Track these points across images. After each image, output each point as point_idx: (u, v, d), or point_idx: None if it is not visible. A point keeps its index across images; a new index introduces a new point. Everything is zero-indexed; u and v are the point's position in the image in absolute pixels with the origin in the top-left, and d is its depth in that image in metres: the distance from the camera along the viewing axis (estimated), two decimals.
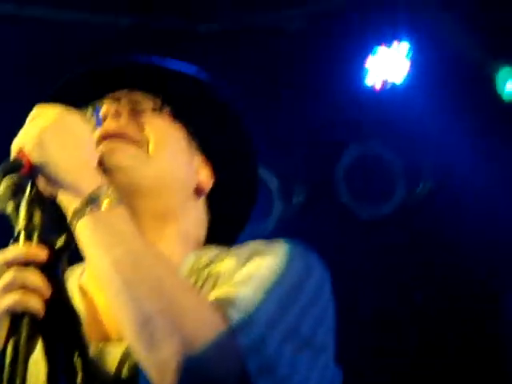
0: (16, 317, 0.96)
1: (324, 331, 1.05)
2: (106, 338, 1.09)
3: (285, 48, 3.60)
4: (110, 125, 1.17)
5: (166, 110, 1.24)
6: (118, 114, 1.18)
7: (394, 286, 3.75)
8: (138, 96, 1.25)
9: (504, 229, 3.62)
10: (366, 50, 3.64)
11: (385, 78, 3.62)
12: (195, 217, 1.25)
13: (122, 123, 1.19)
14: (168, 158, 1.20)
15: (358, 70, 3.65)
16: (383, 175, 3.84)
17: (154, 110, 1.24)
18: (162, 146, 1.20)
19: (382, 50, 3.60)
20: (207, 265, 1.13)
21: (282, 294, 1.01)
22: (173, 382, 0.89)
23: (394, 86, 3.64)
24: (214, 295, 1.01)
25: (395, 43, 3.58)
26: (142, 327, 0.92)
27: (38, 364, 1.00)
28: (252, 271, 1.04)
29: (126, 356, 1.02)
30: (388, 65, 3.61)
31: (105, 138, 1.15)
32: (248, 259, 1.07)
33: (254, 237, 1.16)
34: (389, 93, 3.66)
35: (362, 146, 3.85)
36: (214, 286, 1.06)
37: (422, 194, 3.81)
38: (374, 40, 3.61)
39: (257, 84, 3.56)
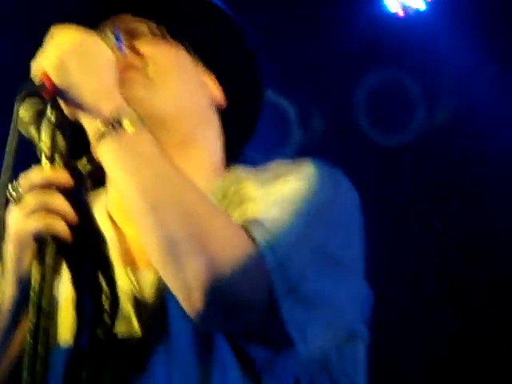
0: (41, 240, 0.96)
1: (352, 253, 1.05)
2: (134, 266, 1.09)
3: None
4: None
5: (163, 31, 1.17)
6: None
7: (413, 213, 3.76)
8: (131, 21, 1.17)
9: None
10: None
11: (408, 4, 3.56)
12: (214, 138, 1.21)
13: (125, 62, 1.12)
14: (176, 82, 1.14)
15: None
16: (403, 102, 3.80)
17: (150, 33, 1.16)
18: (167, 71, 1.14)
19: None
20: (234, 188, 1.10)
21: (309, 215, 1.00)
22: (200, 303, 0.89)
23: (416, 11, 3.57)
24: (241, 217, 1.00)
25: None
26: (170, 249, 0.92)
27: (63, 286, 1.02)
28: (279, 193, 1.02)
29: (154, 281, 1.03)
30: None
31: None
32: (274, 180, 1.05)
33: None
34: (411, 19, 3.59)
35: (381, 73, 3.80)
36: (240, 209, 1.04)
37: (441, 121, 3.78)
38: None
39: (273, 12, 3.50)
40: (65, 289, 1.03)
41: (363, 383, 1.11)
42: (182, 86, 1.15)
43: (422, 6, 3.57)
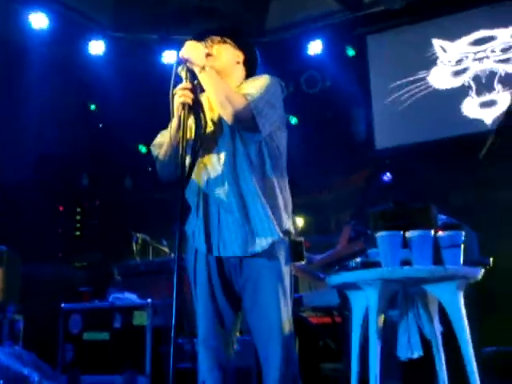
0: (183, 104, 2.73)
1: (279, 104, 2.84)
2: (212, 111, 2.93)
3: None
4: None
5: (223, 39, 2.99)
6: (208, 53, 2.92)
7: None
8: (213, 37, 2.98)
9: None
10: None
11: None
12: (240, 73, 3.00)
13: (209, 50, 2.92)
14: (226, 57, 2.96)
15: None
16: None
17: (218, 40, 2.98)
18: (223, 55, 2.95)
19: None
20: (242, 85, 2.90)
21: (264, 90, 2.77)
22: (233, 116, 2.71)
23: None
24: (242, 92, 2.79)
25: None
26: (225, 103, 2.70)
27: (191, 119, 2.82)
28: (255, 84, 2.82)
29: (219, 116, 2.92)
30: None
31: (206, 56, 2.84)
32: (253, 81, 2.89)
33: None
34: None
35: None
36: (242, 91, 2.81)
37: None
38: None
39: None
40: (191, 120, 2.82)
41: (284, 157, 2.93)
42: (227, 59, 2.96)
43: None
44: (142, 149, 8.99)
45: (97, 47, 8.04)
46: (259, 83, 2.83)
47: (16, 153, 8.05)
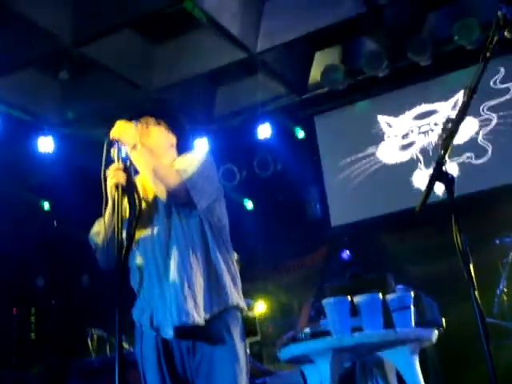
0: (117, 186, 2.62)
1: (213, 176, 2.82)
2: (146, 193, 2.82)
3: None
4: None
5: (157, 121, 2.97)
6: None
7: None
8: (147, 118, 2.97)
9: None
10: None
11: None
12: (172, 152, 2.95)
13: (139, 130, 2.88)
14: (158, 139, 2.93)
15: None
16: None
17: (153, 122, 2.96)
18: (156, 135, 2.93)
19: None
20: (175, 162, 2.85)
21: (198, 166, 2.73)
22: (167, 195, 2.64)
23: None
24: (177, 170, 2.72)
25: None
26: (156, 180, 2.64)
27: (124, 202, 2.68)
28: (187, 159, 2.82)
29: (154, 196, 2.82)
30: None
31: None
32: (185, 156, 2.86)
33: None
34: None
35: None
36: (176, 167, 2.78)
37: None
38: None
39: None
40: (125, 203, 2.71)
41: (227, 228, 2.84)
42: (161, 141, 2.94)
43: None
44: None
45: (45, 144, 8.00)
46: (191, 158, 2.83)
47: None
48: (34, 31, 6.33)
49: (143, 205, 2.77)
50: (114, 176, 2.67)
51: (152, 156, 2.74)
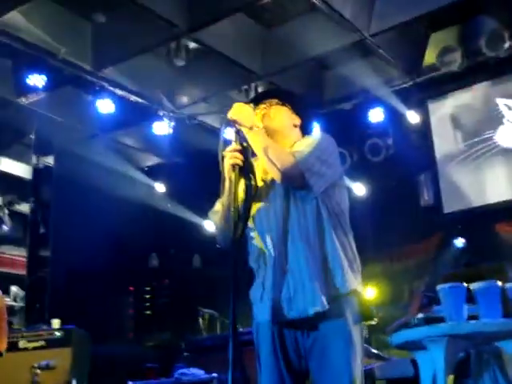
0: (234, 166, 2.60)
1: (333, 160, 2.73)
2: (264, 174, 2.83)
3: None
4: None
5: (280, 102, 2.93)
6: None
7: None
8: (270, 101, 2.96)
9: None
10: None
11: None
12: (295, 134, 2.90)
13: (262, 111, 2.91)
14: (281, 120, 2.89)
15: None
16: None
17: (276, 103, 2.92)
18: (278, 116, 2.89)
19: None
20: (293, 146, 2.80)
21: (314, 147, 2.69)
22: (283, 177, 2.62)
23: None
24: (292, 151, 2.70)
25: None
26: (270, 161, 2.62)
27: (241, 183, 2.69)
28: (306, 141, 2.78)
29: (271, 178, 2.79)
30: None
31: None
32: (304, 139, 2.82)
33: None
34: None
35: None
36: (293, 149, 2.75)
37: None
38: None
39: None
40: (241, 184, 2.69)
41: (346, 213, 2.76)
42: (284, 120, 2.91)
43: None
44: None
45: (161, 128, 8.26)
46: (309, 141, 2.78)
47: (88, 235, 8.24)
48: (151, 19, 6.52)
49: (262, 186, 2.78)
50: (231, 157, 2.66)
51: (267, 138, 2.72)
